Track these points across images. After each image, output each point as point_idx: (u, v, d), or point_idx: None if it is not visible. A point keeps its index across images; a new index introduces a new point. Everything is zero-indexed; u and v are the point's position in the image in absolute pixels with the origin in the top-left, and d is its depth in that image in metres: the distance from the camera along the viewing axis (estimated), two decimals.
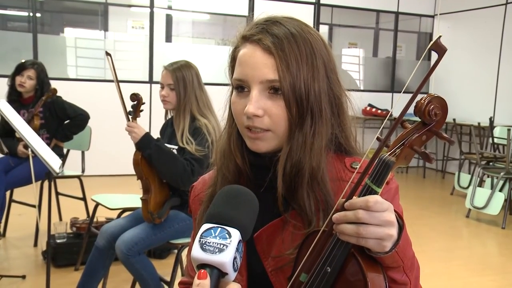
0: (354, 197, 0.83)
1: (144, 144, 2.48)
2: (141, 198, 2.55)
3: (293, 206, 0.97)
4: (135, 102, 2.55)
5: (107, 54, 2.56)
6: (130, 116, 2.54)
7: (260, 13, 1.02)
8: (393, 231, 0.81)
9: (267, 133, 0.96)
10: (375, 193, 0.82)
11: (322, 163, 0.96)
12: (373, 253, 0.83)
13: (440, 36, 0.82)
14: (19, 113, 3.57)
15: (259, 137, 0.96)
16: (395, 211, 0.85)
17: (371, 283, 0.82)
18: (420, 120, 0.85)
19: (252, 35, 0.97)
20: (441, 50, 0.81)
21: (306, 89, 0.94)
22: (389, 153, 0.84)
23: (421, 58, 0.88)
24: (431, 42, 0.81)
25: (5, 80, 3.78)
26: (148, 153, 2.47)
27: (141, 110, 2.58)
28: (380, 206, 0.80)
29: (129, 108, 2.55)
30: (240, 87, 0.97)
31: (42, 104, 3.61)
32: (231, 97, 1.01)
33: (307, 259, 0.89)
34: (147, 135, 2.50)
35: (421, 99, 0.83)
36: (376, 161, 0.83)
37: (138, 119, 2.57)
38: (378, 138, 0.86)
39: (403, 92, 0.97)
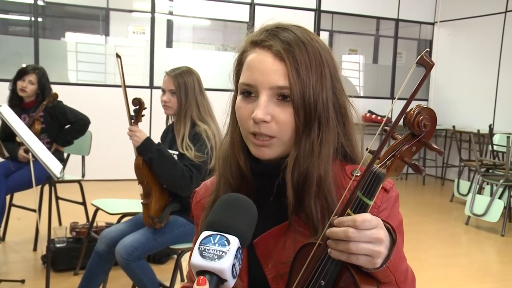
0: (347, 210, 0.83)
1: (145, 148, 2.49)
2: (142, 203, 2.56)
3: (300, 215, 0.96)
4: (137, 107, 2.56)
5: (118, 56, 2.57)
6: (132, 121, 2.55)
7: (268, 19, 1.02)
8: (382, 248, 0.81)
9: (273, 140, 0.95)
10: (367, 205, 0.82)
11: (329, 171, 0.96)
12: (364, 269, 0.83)
13: (426, 50, 0.81)
14: (20, 117, 3.57)
15: (265, 145, 0.95)
16: (388, 225, 0.86)
17: None
18: (409, 131, 0.85)
19: (262, 41, 0.96)
20: (427, 65, 0.80)
21: (314, 98, 0.93)
22: (379, 165, 0.84)
23: (410, 72, 0.86)
24: (418, 57, 0.81)
25: (6, 84, 3.79)
26: (150, 157, 2.48)
27: (143, 115, 2.59)
28: (368, 224, 0.80)
29: (131, 113, 2.57)
30: (247, 92, 0.96)
31: (43, 109, 3.62)
32: (236, 102, 1.00)
33: (303, 273, 0.88)
34: (148, 140, 2.51)
35: (410, 110, 0.83)
36: (367, 173, 0.82)
37: (139, 124, 2.58)
38: (367, 150, 0.86)
39: (399, 99, 0.96)
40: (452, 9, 7.90)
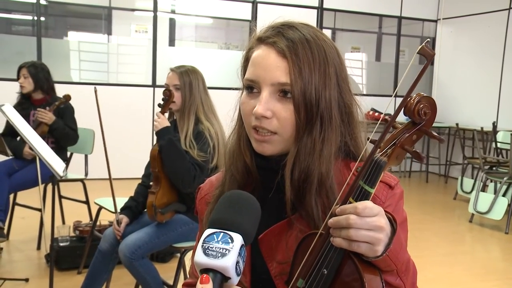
0: (349, 199, 0.84)
1: (160, 135, 2.54)
2: (149, 190, 2.59)
3: (301, 213, 0.97)
4: (166, 97, 2.60)
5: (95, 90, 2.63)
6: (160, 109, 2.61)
7: (277, 17, 1.03)
8: (383, 236, 0.82)
9: (274, 136, 0.96)
10: (368, 193, 0.83)
11: (331, 170, 0.96)
12: (365, 257, 0.84)
13: (427, 41, 0.82)
14: (30, 114, 3.62)
15: (265, 140, 0.96)
16: (389, 215, 0.86)
17: (368, 284, 0.83)
18: (410, 120, 0.86)
19: (267, 38, 0.97)
20: (428, 54, 0.81)
21: (316, 96, 0.94)
22: (380, 153, 0.85)
23: (410, 64, 0.88)
24: (419, 47, 0.82)
25: (9, 83, 3.81)
26: (161, 144, 2.52)
27: (170, 108, 2.63)
28: (369, 211, 0.81)
29: (159, 101, 2.62)
30: (251, 88, 0.98)
31: (54, 109, 3.64)
32: (241, 97, 1.01)
33: (305, 263, 0.89)
34: (167, 128, 2.55)
35: (410, 99, 0.84)
36: (368, 161, 0.83)
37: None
38: (369, 139, 0.87)
39: (399, 96, 0.97)
40: (455, 6, 7.87)
